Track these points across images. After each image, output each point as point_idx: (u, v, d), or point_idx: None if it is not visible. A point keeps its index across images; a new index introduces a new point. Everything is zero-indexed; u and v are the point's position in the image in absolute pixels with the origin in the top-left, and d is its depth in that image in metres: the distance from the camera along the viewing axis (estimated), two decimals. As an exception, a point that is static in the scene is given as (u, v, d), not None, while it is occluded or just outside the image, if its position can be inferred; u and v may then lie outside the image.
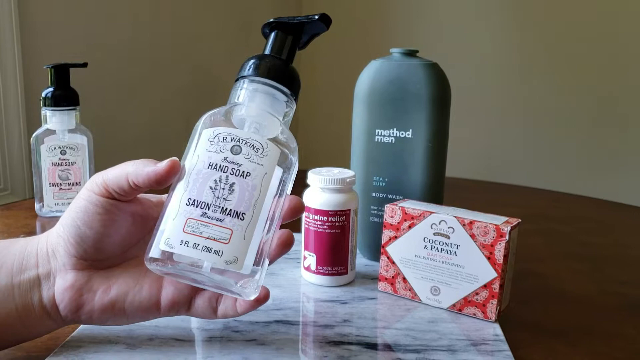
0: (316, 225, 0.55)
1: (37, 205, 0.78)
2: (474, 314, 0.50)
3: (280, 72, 0.40)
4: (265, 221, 0.38)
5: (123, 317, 0.41)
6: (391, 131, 0.59)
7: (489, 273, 0.49)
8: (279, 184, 0.38)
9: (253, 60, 0.40)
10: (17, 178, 1.22)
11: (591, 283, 0.62)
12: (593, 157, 1.73)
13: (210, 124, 0.39)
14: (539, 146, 1.80)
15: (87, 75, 0.87)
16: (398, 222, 0.53)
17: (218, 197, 0.36)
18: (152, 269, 0.37)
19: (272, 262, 0.40)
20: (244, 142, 0.37)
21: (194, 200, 0.36)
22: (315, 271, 0.56)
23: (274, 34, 0.42)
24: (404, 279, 0.53)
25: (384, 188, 0.60)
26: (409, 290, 0.53)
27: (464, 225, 0.49)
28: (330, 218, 0.54)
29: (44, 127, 0.76)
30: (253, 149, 0.37)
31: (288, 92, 0.40)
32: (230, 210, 0.36)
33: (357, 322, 0.49)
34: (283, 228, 0.40)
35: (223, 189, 0.36)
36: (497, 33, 1.82)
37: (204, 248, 0.35)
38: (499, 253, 0.48)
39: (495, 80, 1.84)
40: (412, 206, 0.53)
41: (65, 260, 0.40)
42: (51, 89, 0.75)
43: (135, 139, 1.49)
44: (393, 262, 0.54)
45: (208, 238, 0.35)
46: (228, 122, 0.39)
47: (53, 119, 0.75)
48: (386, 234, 0.54)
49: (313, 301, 0.54)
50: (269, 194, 0.38)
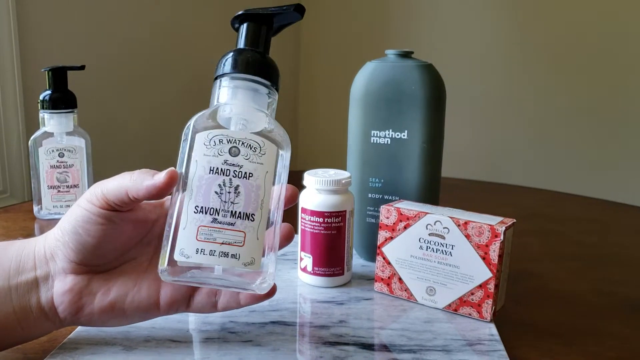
0: (312, 227, 0.55)
1: (35, 208, 0.78)
2: (470, 314, 0.50)
3: (258, 65, 0.40)
4: (271, 216, 0.38)
5: (123, 317, 0.41)
6: (387, 132, 0.59)
7: (484, 273, 0.49)
8: (275, 176, 0.39)
9: (229, 57, 0.40)
10: (16, 181, 1.22)
11: (586, 283, 0.62)
12: (589, 157, 1.73)
13: (200, 127, 0.38)
14: (534, 146, 1.80)
15: (85, 78, 0.87)
16: (394, 223, 0.53)
17: (225, 202, 0.36)
18: (167, 280, 0.37)
19: None
20: (241, 142, 0.37)
21: (202, 207, 0.36)
22: (312, 272, 0.56)
23: (246, 25, 0.41)
24: (400, 279, 0.53)
25: (380, 189, 0.61)
26: (405, 290, 0.53)
27: (459, 225, 0.50)
28: (326, 219, 0.54)
29: (42, 129, 0.76)
30: (251, 148, 0.37)
31: (268, 83, 0.40)
32: (240, 212, 0.36)
33: (353, 322, 0.49)
34: (283, 223, 0.41)
35: (229, 192, 0.37)
36: (492, 33, 1.82)
37: (220, 254, 0.36)
38: (494, 253, 0.48)
39: (490, 81, 1.84)
40: (408, 207, 0.53)
41: (64, 265, 0.40)
42: (49, 92, 0.75)
43: (133, 142, 1.49)
44: (389, 263, 0.54)
45: (223, 243, 0.36)
46: (215, 123, 0.39)
47: (51, 122, 0.76)
48: (382, 234, 0.54)
49: (309, 302, 0.54)
50: (272, 190, 0.38)
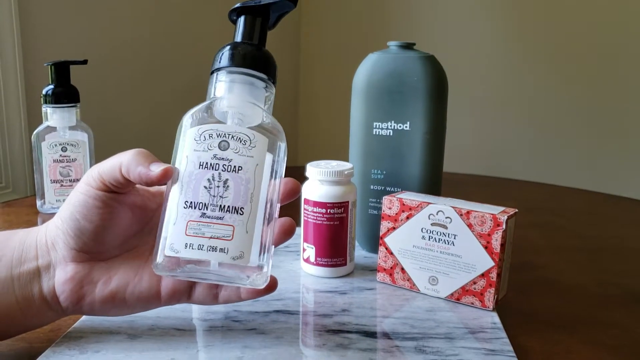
0: (315, 218, 0.55)
1: (38, 202, 0.78)
2: (472, 303, 0.50)
3: (254, 59, 0.40)
4: (264, 210, 0.38)
5: (124, 307, 0.41)
6: (389, 124, 0.59)
7: (486, 262, 0.49)
8: (271, 170, 0.39)
9: (226, 50, 0.40)
10: (18, 176, 1.23)
11: (588, 274, 0.62)
12: (591, 151, 1.73)
13: (194, 122, 0.38)
14: (537, 139, 1.80)
15: (88, 72, 0.88)
16: (396, 214, 0.53)
17: (214, 196, 0.36)
18: (161, 275, 0.38)
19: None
20: (230, 136, 0.37)
21: (191, 202, 0.36)
22: (315, 263, 0.56)
23: (242, 19, 0.41)
24: (403, 269, 0.54)
25: (382, 180, 0.61)
26: (408, 280, 0.54)
27: (461, 215, 0.50)
28: (329, 210, 0.55)
29: (45, 124, 0.76)
30: (240, 142, 0.37)
31: (265, 77, 0.40)
32: (229, 206, 0.36)
33: (355, 311, 0.49)
34: (285, 216, 0.40)
35: (217, 186, 0.37)
36: (494, 25, 1.82)
37: (209, 248, 0.36)
38: (496, 242, 0.48)
39: (492, 74, 1.84)
40: (410, 197, 0.53)
41: (64, 253, 0.40)
42: (52, 87, 0.76)
43: (135, 136, 1.50)
44: (391, 253, 0.54)
45: (211, 237, 0.36)
46: (211, 117, 0.39)
47: (54, 116, 0.76)
48: (384, 225, 0.54)
49: (312, 292, 0.54)
50: (263, 184, 0.38)
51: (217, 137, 0.37)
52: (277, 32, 0.45)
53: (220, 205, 0.36)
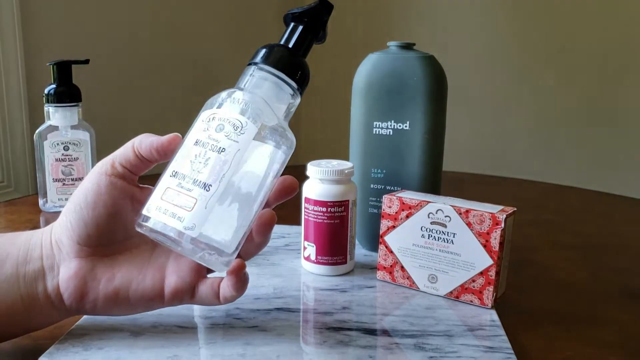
0: (315, 216, 0.56)
1: (40, 201, 0.79)
2: (471, 301, 0.51)
3: (292, 65, 0.41)
4: (236, 194, 0.38)
5: (127, 306, 0.41)
6: (389, 123, 0.60)
7: (485, 260, 0.50)
8: (267, 168, 0.40)
9: (266, 49, 0.42)
10: (21, 174, 1.23)
11: (585, 271, 0.63)
12: (590, 150, 1.74)
13: (212, 105, 0.40)
14: (535, 138, 1.81)
15: (90, 72, 0.88)
16: (396, 212, 0.54)
17: (194, 170, 0.38)
18: (140, 231, 0.39)
19: (271, 206, 0.42)
20: (227, 120, 0.39)
21: (176, 172, 0.39)
22: (315, 261, 0.57)
23: (297, 26, 0.43)
24: (402, 267, 0.54)
25: (382, 180, 0.61)
26: (407, 278, 0.54)
27: (460, 214, 0.50)
28: (329, 209, 0.55)
29: (47, 123, 0.77)
30: (233, 127, 0.39)
31: (295, 85, 0.41)
32: (200, 181, 0.38)
33: (356, 309, 0.50)
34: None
35: (199, 162, 0.38)
36: (494, 25, 1.82)
37: (170, 214, 0.37)
38: (495, 241, 0.49)
39: (492, 73, 1.84)
40: (410, 196, 0.54)
41: (68, 249, 0.41)
42: (54, 86, 0.76)
43: (137, 134, 1.50)
44: (391, 251, 0.55)
45: (176, 205, 0.38)
46: (228, 105, 0.40)
47: (56, 115, 0.76)
48: (384, 223, 0.55)
49: (313, 290, 0.55)
50: (241, 170, 0.38)
51: (218, 120, 0.39)
52: (277, 32, 0.46)
53: (194, 179, 0.38)
